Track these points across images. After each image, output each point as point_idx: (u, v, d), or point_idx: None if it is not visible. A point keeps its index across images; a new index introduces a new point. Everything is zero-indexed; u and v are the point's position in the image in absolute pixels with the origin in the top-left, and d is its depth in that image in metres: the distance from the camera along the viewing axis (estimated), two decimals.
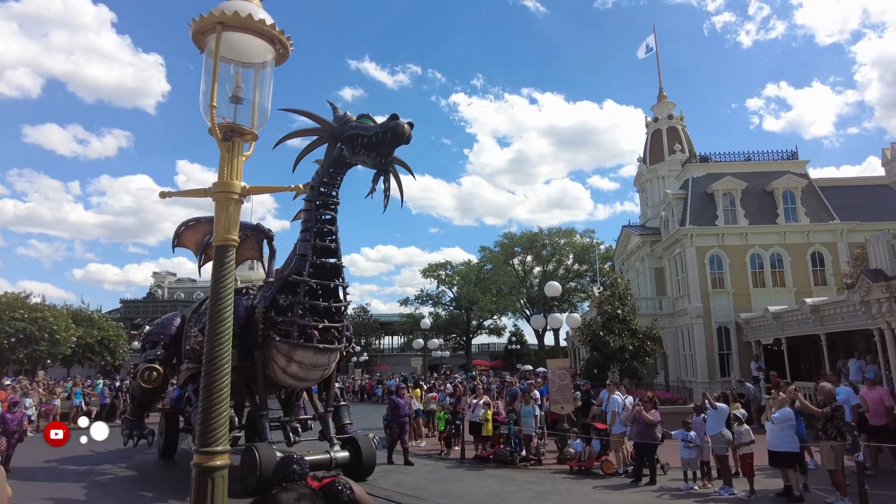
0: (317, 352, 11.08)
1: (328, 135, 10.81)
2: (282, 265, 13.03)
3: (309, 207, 11.52)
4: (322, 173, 11.36)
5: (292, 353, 10.95)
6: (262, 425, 11.38)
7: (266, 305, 11.26)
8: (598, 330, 22.22)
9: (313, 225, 11.35)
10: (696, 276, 28.06)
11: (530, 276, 63.02)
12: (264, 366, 11.40)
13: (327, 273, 11.57)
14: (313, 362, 11.19)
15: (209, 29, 3.54)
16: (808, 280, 27.81)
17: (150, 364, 13.55)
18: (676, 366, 29.79)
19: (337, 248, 11.68)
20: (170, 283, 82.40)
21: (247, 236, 13.79)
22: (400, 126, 9.86)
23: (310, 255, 11.22)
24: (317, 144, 10.96)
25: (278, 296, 11.21)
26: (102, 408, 24.27)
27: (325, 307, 11.42)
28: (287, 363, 11.07)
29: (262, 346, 11.28)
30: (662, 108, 37.60)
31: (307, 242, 11.33)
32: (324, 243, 11.48)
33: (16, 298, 35.48)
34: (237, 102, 3.58)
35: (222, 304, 3.33)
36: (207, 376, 3.26)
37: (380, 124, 10.04)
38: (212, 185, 3.47)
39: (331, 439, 11.84)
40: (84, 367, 43.49)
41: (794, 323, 21.93)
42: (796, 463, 10.09)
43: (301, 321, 11.00)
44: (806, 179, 29.79)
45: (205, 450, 3.15)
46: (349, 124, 10.49)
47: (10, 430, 12.46)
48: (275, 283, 11.58)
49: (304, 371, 11.23)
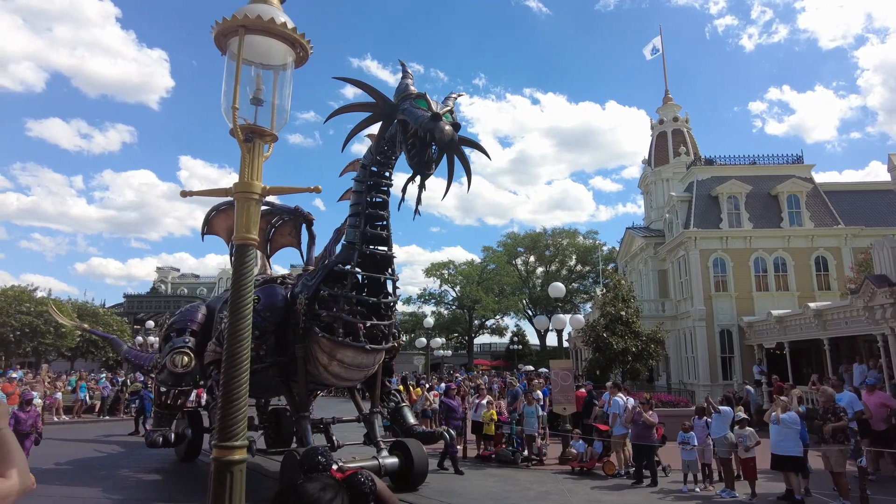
0: (362, 352, 10.11)
1: (382, 113, 9.49)
2: (321, 251, 12.33)
3: (359, 189, 10.35)
4: (375, 151, 10.09)
5: (335, 351, 9.98)
6: (303, 428, 10.31)
7: (309, 296, 10.24)
8: (601, 331, 22.26)
9: (363, 209, 10.19)
10: (700, 279, 28.08)
11: (533, 277, 63.04)
12: (306, 361, 10.41)
13: (377, 264, 10.48)
14: (357, 363, 10.24)
15: (232, 32, 3.61)
16: (811, 284, 27.81)
17: (180, 349, 12.50)
18: (678, 368, 29.82)
19: (388, 237, 10.50)
20: (173, 278, 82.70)
21: (283, 221, 12.80)
22: (439, 129, 8.33)
23: (358, 244, 10.12)
24: (370, 122, 9.67)
25: (322, 286, 10.21)
26: (104, 401, 24.44)
27: (374, 303, 10.41)
28: (329, 361, 10.12)
29: (303, 339, 10.29)
30: (668, 111, 37.59)
31: (356, 229, 10.21)
32: (374, 231, 10.33)
33: (22, 292, 35.68)
34: (258, 104, 3.66)
35: (242, 301, 3.41)
36: (227, 372, 3.33)
37: (421, 119, 8.52)
38: (233, 185, 3.55)
39: (377, 444, 10.80)
40: (87, 361, 43.71)
41: (797, 327, 21.95)
42: (799, 467, 10.14)
43: (347, 317, 10.00)
44: (811, 184, 29.77)
45: (224, 444, 3.23)
46: (403, 105, 9.09)
47: (23, 430, 11.12)
48: (319, 272, 10.55)
49: (346, 371, 10.31)
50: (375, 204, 10.39)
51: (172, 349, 12.66)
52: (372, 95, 9.39)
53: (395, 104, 9.25)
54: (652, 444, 11.93)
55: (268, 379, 11.10)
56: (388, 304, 10.67)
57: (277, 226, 12.94)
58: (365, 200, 10.23)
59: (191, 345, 12.72)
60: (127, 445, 16.22)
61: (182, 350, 12.49)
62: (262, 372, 10.62)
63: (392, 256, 10.61)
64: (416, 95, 9.05)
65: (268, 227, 12.81)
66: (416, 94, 9.05)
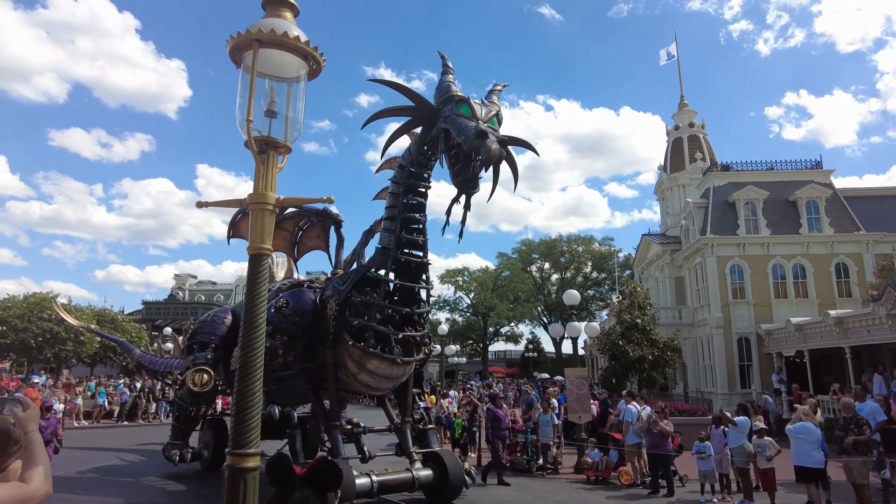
0: (392, 363, 9.61)
1: (422, 118, 8.82)
2: (349, 254, 11.93)
3: (395, 190, 9.73)
4: (414, 151, 9.40)
5: (364, 360, 9.53)
6: (334, 438, 9.80)
7: (340, 301, 9.77)
8: (616, 339, 22.10)
9: (399, 212, 9.58)
10: (717, 286, 27.78)
11: (548, 284, 62.78)
12: (336, 368, 9.93)
13: (411, 272, 9.92)
14: (387, 374, 9.78)
15: (246, 46, 3.69)
16: (831, 291, 27.36)
17: (200, 367, 12.20)
18: (696, 376, 29.47)
19: (424, 242, 9.89)
20: (190, 285, 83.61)
21: (311, 223, 12.32)
22: (486, 149, 7.47)
23: (393, 249, 9.56)
24: (409, 128, 9.07)
25: (354, 292, 9.71)
26: (122, 406, 24.77)
27: (407, 313, 9.84)
28: (358, 370, 9.70)
29: (333, 345, 9.82)
30: (683, 116, 37.36)
31: (390, 233, 9.63)
32: (410, 236, 9.71)
33: (44, 298, 36.33)
34: (272, 116, 3.73)
35: (256, 311, 3.46)
36: (241, 380, 3.38)
37: (466, 133, 7.70)
38: (247, 196, 3.61)
39: (410, 455, 10.27)
40: (106, 367, 44.34)
41: (817, 335, 21.60)
42: (820, 478, 9.95)
43: (379, 327, 9.50)
44: (830, 189, 29.35)
45: (238, 451, 3.28)
46: (444, 111, 8.31)
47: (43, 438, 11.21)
48: (351, 276, 10.07)
49: (376, 381, 9.89)
50: (412, 206, 9.74)
51: (193, 364, 12.41)
52: (410, 98, 8.70)
53: (436, 108, 8.53)
54: (667, 453, 11.79)
55: (297, 386, 10.81)
56: (421, 314, 10.14)
57: (305, 228, 12.52)
58: (401, 203, 9.61)
59: (212, 361, 12.42)
60: (148, 453, 16.37)
61: (202, 368, 12.17)
62: (290, 379, 10.46)
63: (427, 263, 10.02)
64: (457, 100, 8.26)
65: (295, 229, 12.47)
66: (458, 98, 8.26)
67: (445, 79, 8.81)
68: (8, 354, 33.65)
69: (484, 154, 7.50)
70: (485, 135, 7.50)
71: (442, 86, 8.72)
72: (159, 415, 26.29)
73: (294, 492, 2.69)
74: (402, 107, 8.77)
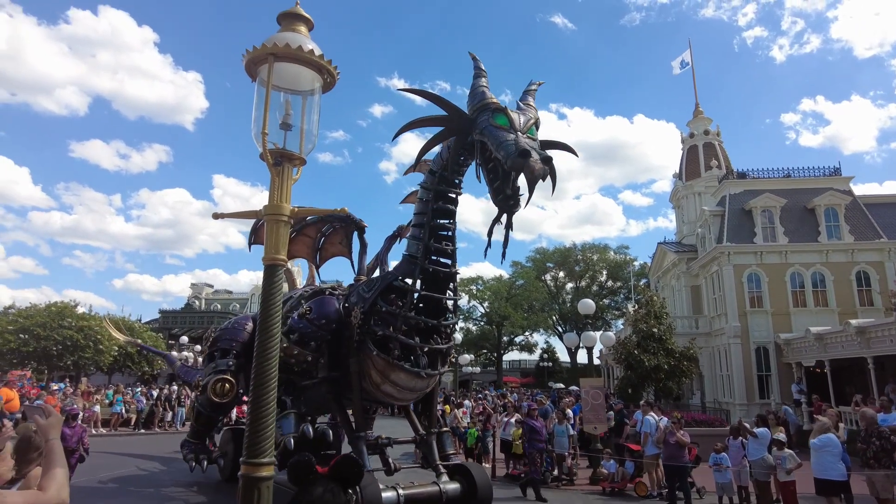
0: (417, 377, 9.34)
1: (456, 128, 8.33)
2: (371, 260, 11.71)
3: (424, 196, 9.29)
4: (446, 157, 8.85)
5: (388, 371, 9.24)
6: (359, 450, 9.43)
7: (365, 309, 9.47)
8: (632, 349, 21.89)
9: (428, 219, 9.16)
10: (734, 295, 27.42)
11: (563, 293, 62.46)
12: (360, 377, 9.59)
13: (438, 282, 9.54)
14: (411, 386, 9.52)
15: (262, 60, 3.75)
16: (852, 300, 26.87)
17: (222, 375, 11.94)
18: (713, 387, 29.05)
19: (453, 251, 9.50)
20: (207, 294, 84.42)
21: (334, 229, 12.05)
22: (529, 168, 6.98)
23: (421, 258, 9.16)
24: (441, 138, 8.59)
25: (380, 301, 9.41)
26: (139, 414, 25.02)
27: (434, 325, 9.52)
28: (381, 380, 9.43)
29: (357, 353, 9.53)
30: (698, 124, 37.10)
31: (418, 241, 9.22)
32: (438, 245, 9.32)
33: (65, 307, 36.95)
34: (287, 129, 3.78)
35: (270, 321, 3.49)
36: (256, 390, 3.41)
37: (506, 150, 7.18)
38: (263, 207, 3.66)
39: (436, 467, 9.88)
40: (124, 375, 44.86)
41: (837, 345, 21.21)
42: (842, 492, 9.73)
43: (405, 339, 9.20)
44: (850, 196, 28.90)
45: (252, 461, 3.30)
46: (480, 121, 7.81)
47: (68, 447, 9.97)
48: (377, 284, 9.73)
49: (399, 392, 9.64)
50: (441, 212, 9.29)
51: (215, 371, 12.17)
52: (443, 108, 8.23)
53: (471, 117, 8.03)
54: (684, 464, 11.62)
55: (319, 395, 10.59)
56: (448, 326, 9.80)
57: (328, 234, 12.29)
58: (431, 209, 9.15)
59: (234, 368, 12.13)
60: (167, 461, 16.49)
61: (223, 376, 11.92)
62: (312, 388, 10.28)
63: (455, 273, 9.62)
64: (493, 108, 7.72)
65: (317, 235, 12.27)
66: (495, 108, 7.73)
67: (479, 83, 8.29)
68: (29, 362, 34.19)
69: (527, 175, 7.02)
70: (527, 153, 6.93)
71: (476, 92, 8.21)
72: (175, 423, 26.51)
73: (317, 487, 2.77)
74: (435, 117, 8.34)
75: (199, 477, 13.49)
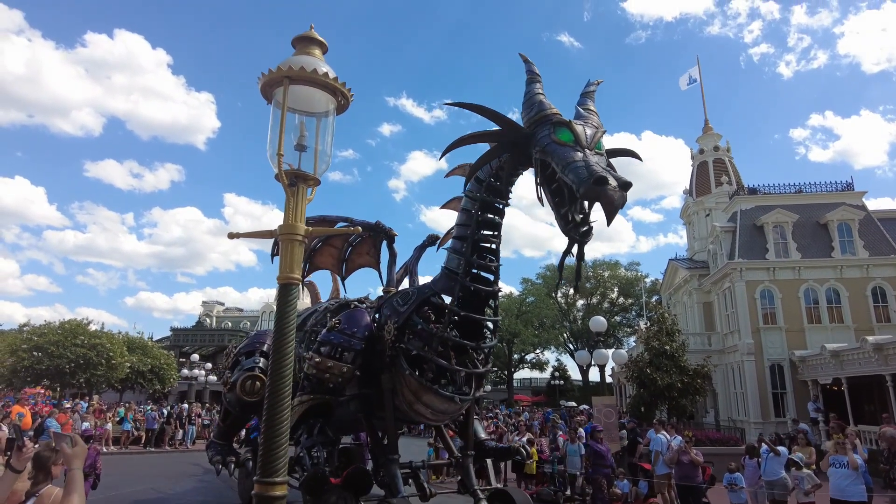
0: (451, 402, 8.61)
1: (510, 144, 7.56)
2: (399, 269, 11.20)
3: (468, 206, 8.45)
4: (496, 165, 8.03)
5: (421, 394, 8.54)
6: (393, 473, 8.63)
7: (400, 323, 8.77)
8: (645, 366, 21.68)
9: (472, 231, 8.33)
10: (747, 312, 27.14)
11: (573, 310, 62.05)
12: (393, 394, 8.81)
13: (478, 302, 8.79)
14: (443, 409, 8.84)
15: (277, 83, 3.83)
16: (868, 316, 26.51)
17: (251, 373, 11.34)
18: (727, 405, 28.64)
19: (496, 268, 8.70)
20: (218, 311, 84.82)
21: (362, 239, 11.36)
22: (607, 197, 5.87)
23: (461, 275, 8.34)
24: (493, 155, 7.74)
25: (415, 317, 8.73)
26: (150, 433, 25.04)
27: (473, 347, 8.81)
28: (414, 400, 8.72)
29: (390, 368, 8.79)
30: (708, 140, 37.07)
31: (460, 256, 8.41)
32: (482, 260, 8.51)
33: (78, 325, 37.22)
34: (301, 150, 3.85)
35: (285, 340, 3.52)
36: (270, 409, 3.42)
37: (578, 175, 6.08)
38: (277, 227, 3.71)
39: (475, 493, 9.17)
40: (135, 393, 44.98)
41: (854, 362, 20.89)
42: None
43: (441, 361, 8.46)
44: (864, 211, 28.66)
45: (266, 479, 3.30)
46: (540, 137, 6.81)
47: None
48: (413, 298, 9.03)
49: (433, 414, 8.96)
50: (487, 224, 8.47)
51: (242, 370, 11.61)
52: (497, 122, 7.42)
53: (528, 132, 7.11)
54: (698, 485, 11.43)
55: (348, 414, 9.80)
56: (487, 350, 9.10)
57: (355, 244, 11.59)
58: (476, 220, 8.32)
59: (262, 365, 11.48)
60: (178, 479, 16.43)
61: (252, 373, 11.28)
62: (340, 406, 9.55)
63: (497, 291, 8.91)
64: (555, 122, 6.74)
65: (344, 245, 11.57)
66: (557, 121, 6.74)
67: (533, 91, 7.36)
68: (42, 380, 34.40)
69: (605, 205, 5.94)
70: (604, 180, 5.80)
71: (532, 101, 7.25)
72: (186, 441, 26.50)
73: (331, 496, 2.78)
74: (488, 132, 7.59)
75: (210, 497, 13.44)
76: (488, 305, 8.98)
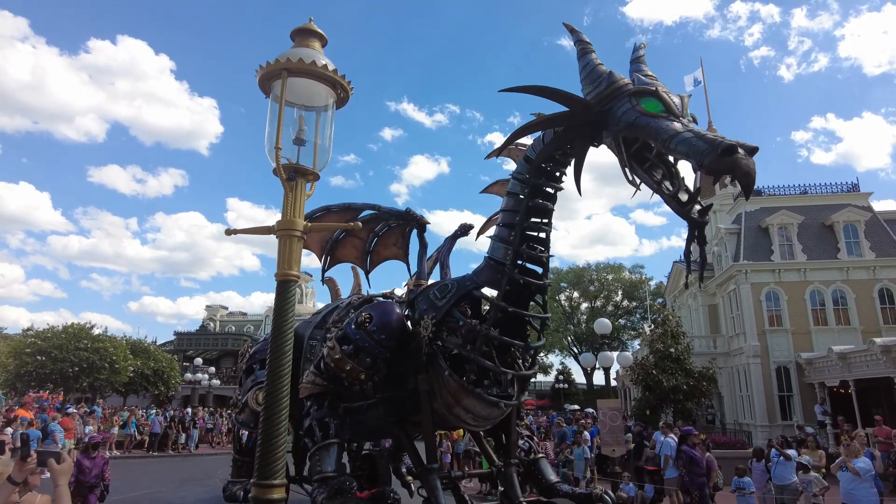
0: (495, 406, 7.70)
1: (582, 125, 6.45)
2: (429, 260, 10.14)
3: (516, 190, 7.52)
4: (551, 145, 7.02)
5: (460, 397, 7.63)
6: (432, 486, 7.66)
7: (438, 318, 7.77)
8: (650, 369, 21.52)
9: (521, 218, 7.39)
10: (752, 314, 26.94)
11: (577, 313, 61.87)
12: (431, 397, 7.85)
13: (526, 296, 7.90)
14: (485, 415, 7.91)
15: (275, 75, 3.75)
16: (875, 318, 26.25)
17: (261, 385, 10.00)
18: (733, 408, 28.42)
19: (547, 260, 7.73)
20: (221, 316, 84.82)
21: (389, 228, 10.30)
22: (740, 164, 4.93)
23: (509, 267, 7.40)
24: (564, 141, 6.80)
25: (455, 311, 7.79)
26: (153, 437, 24.98)
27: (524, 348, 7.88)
28: (453, 404, 7.81)
29: (427, 368, 7.85)
30: None
31: (507, 245, 7.48)
32: (531, 251, 7.56)
33: (81, 329, 37.24)
34: (300, 144, 3.76)
35: (282, 339, 3.42)
36: (267, 410, 3.33)
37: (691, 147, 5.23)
38: (275, 222, 3.62)
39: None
40: (139, 397, 44.94)
41: (862, 364, 20.68)
42: None
43: (485, 362, 7.50)
44: (869, 212, 28.46)
45: (263, 482, 3.20)
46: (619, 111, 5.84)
47: (87, 482, 9.20)
48: (452, 291, 7.99)
49: (473, 419, 8.06)
50: (537, 210, 7.45)
51: (255, 384, 10.60)
52: (565, 103, 6.32)
53: (601, 108, 6.08)
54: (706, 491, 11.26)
55: (372, 419, 8.87)
56: (535, 350, 8.14)
57: (381, 234, 10.45)
58: (525, 206, 7.35)
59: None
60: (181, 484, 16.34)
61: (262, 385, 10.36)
62: (366, 410, 8.65)
63: (547, 285, 7.93)
64: (633, 92, 5.79)
65: (369, 235, 10.43)
66: (637, 90, 5.78)
67: (592, 61, 6.44)
68: (46, 385, 34.39)
69: (741, 177, 4.99)
70: (733, 149, 4.93)
71: (595, 72, 6.28)
72: (189, 446, 26.43)
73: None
74: (554, 115, 6.47)
75: (213, 503, 13.32)
76: (535, 301, 8.07)
